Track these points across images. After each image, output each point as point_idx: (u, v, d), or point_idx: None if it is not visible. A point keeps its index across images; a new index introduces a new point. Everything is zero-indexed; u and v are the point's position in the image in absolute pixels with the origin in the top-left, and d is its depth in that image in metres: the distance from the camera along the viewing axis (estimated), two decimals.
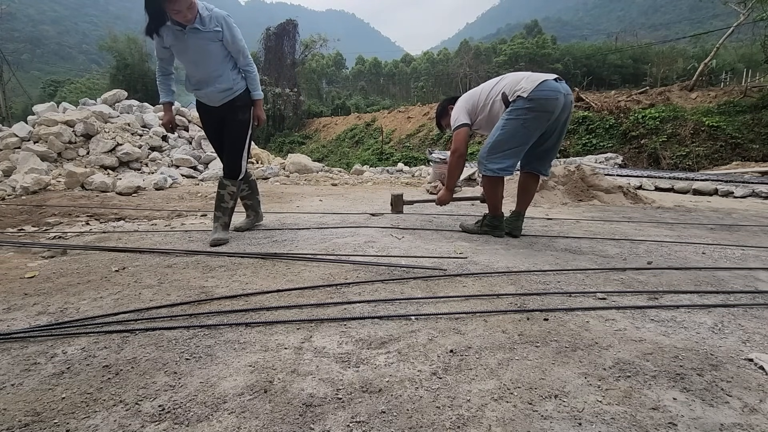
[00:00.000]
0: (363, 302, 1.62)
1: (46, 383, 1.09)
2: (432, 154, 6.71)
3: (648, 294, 1.74)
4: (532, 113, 2.58)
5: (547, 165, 2.91)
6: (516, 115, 2.61)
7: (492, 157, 2.71)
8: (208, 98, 2.70)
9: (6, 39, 53.86)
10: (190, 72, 2.65)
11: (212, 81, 2.61)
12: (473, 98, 2.90)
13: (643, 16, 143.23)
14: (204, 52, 2.54)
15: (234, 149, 2.76)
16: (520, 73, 2.79)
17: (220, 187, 2.81)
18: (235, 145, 2.76)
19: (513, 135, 2.64)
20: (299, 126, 33.01)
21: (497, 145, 2.69)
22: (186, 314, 1.53)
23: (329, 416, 0.94)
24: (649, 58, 31.75)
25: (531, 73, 2.73)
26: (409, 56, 54.41)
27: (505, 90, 2.72)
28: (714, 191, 7.00)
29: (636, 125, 15.01)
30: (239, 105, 2.71)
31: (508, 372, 1.13)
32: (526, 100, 2.57)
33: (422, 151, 19.01)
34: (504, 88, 2.73)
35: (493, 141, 2.71)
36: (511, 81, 2.73)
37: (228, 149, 2.77)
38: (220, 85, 2.62)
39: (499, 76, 2.91)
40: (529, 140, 2.68)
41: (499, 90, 2.76)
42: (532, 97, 2.55)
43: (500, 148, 2.68)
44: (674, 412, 0.96)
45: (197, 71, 2.61)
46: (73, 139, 7.78)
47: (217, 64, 2.59)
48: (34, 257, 2.44)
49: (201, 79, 2.64)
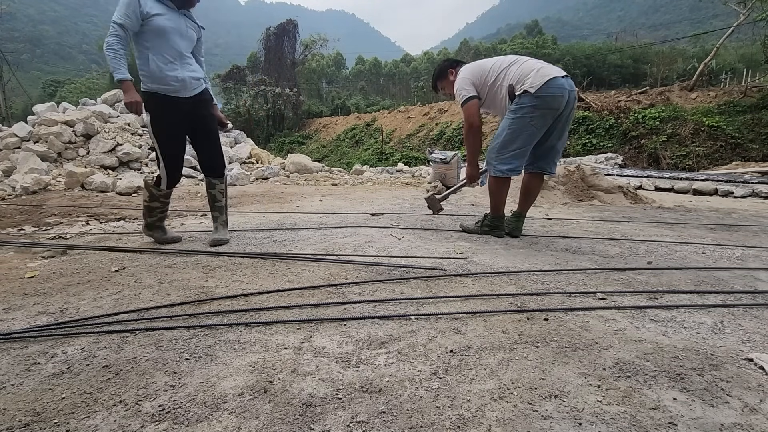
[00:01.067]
0: (363, 302, 1.62)
1: (46, 383, 1.09)
2: (432, 154, 6.71)
3: (648, 294, 1.74)
4: (538, 111, 2.56)
5: (552, 163, 2.87)
6: (522, 114, 2.59)
7: (501, 158, 2.70)
8: (183, 86, 2.51)
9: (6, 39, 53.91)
10: (169, 54, 2.45)
11: (190, 67, 2.58)
12: (481, 72, 2.78)
13: (643, 16, 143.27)
14: (191, 38, 2.59)
15: (216, 145, 2.74)
16: (530, 63, 2.68)
17: (210, 188, 2.75)
18: (216, 140, 2.74)
19: (520, 134, 2.62)
20: (299, 126, 33.00)
21: (505, 145, 2.67)
22: (186, 314, 1.53)
23: (329, 416, 0.94)
24: (649, 58, 31.75)
25: (541, 65, 2.65)
26: (409, 56, 54.45)
27: (512, 81, 2.65)
28: (714, 191, 7.00)
29: (636, 125, 15.01)
30: (208, 99, 2.70)
31: (508, 372, 1.13)
32: (533, 97, 2.54)
33: (422, 151, 19.00)
34: (512, 79, 2.66)
35: (501, 141, 2.69)
36: (519, 72, 2.64)
37: (210, 146, 2.71)
38: (196, 73, 2.61)
39: (511, 57, 2.79)
40: (536, 138, 2.67)
41: (507, 77, 2.68)
42: (539, 94, 2.53)
43: (509, 148, 2.67)
44: (674, 412, 0.96)
45: (178, 54, 2.49)
46: (73, 139, 7.78)
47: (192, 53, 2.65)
48: (34, 257, 2.44)
49: (182, 63, 2.51)
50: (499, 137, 2.70)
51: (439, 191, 3.42)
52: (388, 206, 4.51)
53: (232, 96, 33.10)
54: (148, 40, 2.42)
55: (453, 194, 3.52)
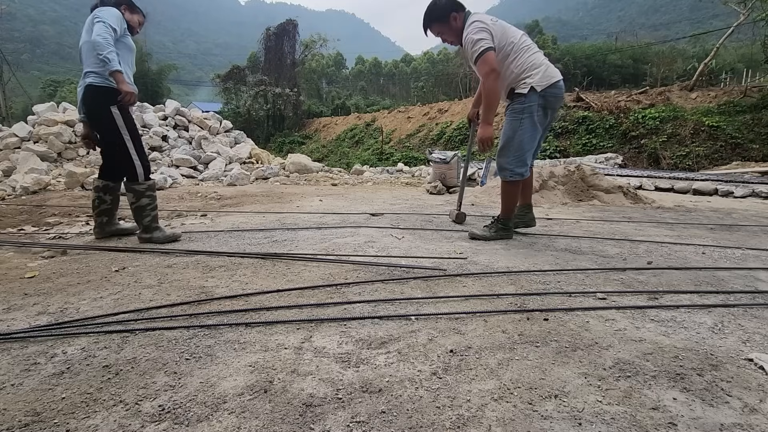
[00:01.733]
0: (363, 302, 1.62)
1: (46, 383, 1.09)
2: (432, 154, 6.70)
3: (648, 294, 1.74)
4: (541, 110, 2.64)
5: (535, 156, 2.96)
6: (530, 113, 2.61)
7: (518, 161, 2.68)
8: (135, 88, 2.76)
9: (6, 39, 53.87)
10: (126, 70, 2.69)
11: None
12: (503, 31, 2.62)
13: (643, 16, 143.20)
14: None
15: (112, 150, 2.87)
16: (537, 57, 2.63)
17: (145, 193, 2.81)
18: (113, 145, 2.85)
19: (532, 134, 2.68)
20: (299, 126, 32.99)
21: (520, 147, 2.66)
22: (186, 314, 1.53)
23: (329, 416, 0.94)
24: (649, 58, 31.72)
25: (547, 65, 2.64)
26: (409, 56, 54.42)
27: (518, 69, 2.59)
28: (714, 191, 7.00)
29: (636, 125, 15.01)
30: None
31: (508, 372, 1.13)
32: (539, 96, 2.58)
33: (422, 151, 18.99)
34: (518, 66, 2.59)
35: (515, 144, 2.66)
36: (530, 62, 2.59)
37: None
38: None
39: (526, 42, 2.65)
40: (539, 136, 2.76)
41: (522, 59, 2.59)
42: (545, 94, 2.58)
43: (523, 149, 2.67)
44: (674, 412, 0.96)
45: (130, 70, 2.77)
46: (73, 139, 7.78)
47: None
48: (34, 257, 2.44)
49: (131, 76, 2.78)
50: (512, 140, 2.66)
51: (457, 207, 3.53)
52: (388, 206, 4.51)
53: (232, 96, 33.10)
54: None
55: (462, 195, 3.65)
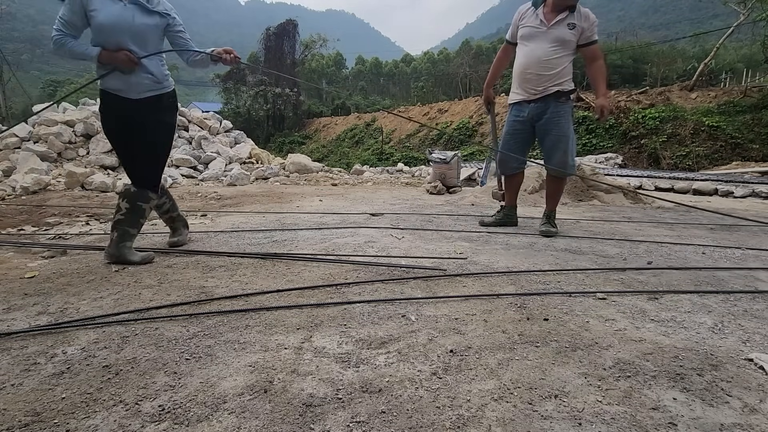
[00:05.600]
0: (363, 302, 1.62)
1: (46, 383, 1.09)
2: (432, 154, 6.69)
3: (648, 294, 1.74)
4: None
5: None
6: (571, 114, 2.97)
7: (574, 157, 3.02)
8: (128, 86, 2.18)
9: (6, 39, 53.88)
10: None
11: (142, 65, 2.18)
12: None
13: (643, 16, 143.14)
14: (144, 32, 2.16)
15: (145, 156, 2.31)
16: None
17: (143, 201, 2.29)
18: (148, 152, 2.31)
19: None
20: (299, 126, 33.02)
21: (574, 148, 3.01)
22: (186, 314, 1.53)
23: (329, 416, 0.94)
24: (649, 58, 31.68)
25: None
26: (409, 56, 54.41)
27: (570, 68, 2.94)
28: (714, 191, 7.00)
29: (636, 125, 15.02)
30: (165, 105, 2.32)
31: (508, 372, 1.13)
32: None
33: (422, 151, 19.00)
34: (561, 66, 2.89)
35: (571, 146, 2.94)
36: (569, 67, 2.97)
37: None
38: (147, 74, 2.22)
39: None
40: None
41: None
42: None
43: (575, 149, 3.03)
44: (674, 412, 0.96)
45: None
46: (73, 139, 7.78)
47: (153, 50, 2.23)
48: (34, 257, 2.44)
49: None
50: (570, 143, 2.91)
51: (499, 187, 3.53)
52: (388, 206, 4.51)
53: (232, 96, 33.14)
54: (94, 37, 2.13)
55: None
